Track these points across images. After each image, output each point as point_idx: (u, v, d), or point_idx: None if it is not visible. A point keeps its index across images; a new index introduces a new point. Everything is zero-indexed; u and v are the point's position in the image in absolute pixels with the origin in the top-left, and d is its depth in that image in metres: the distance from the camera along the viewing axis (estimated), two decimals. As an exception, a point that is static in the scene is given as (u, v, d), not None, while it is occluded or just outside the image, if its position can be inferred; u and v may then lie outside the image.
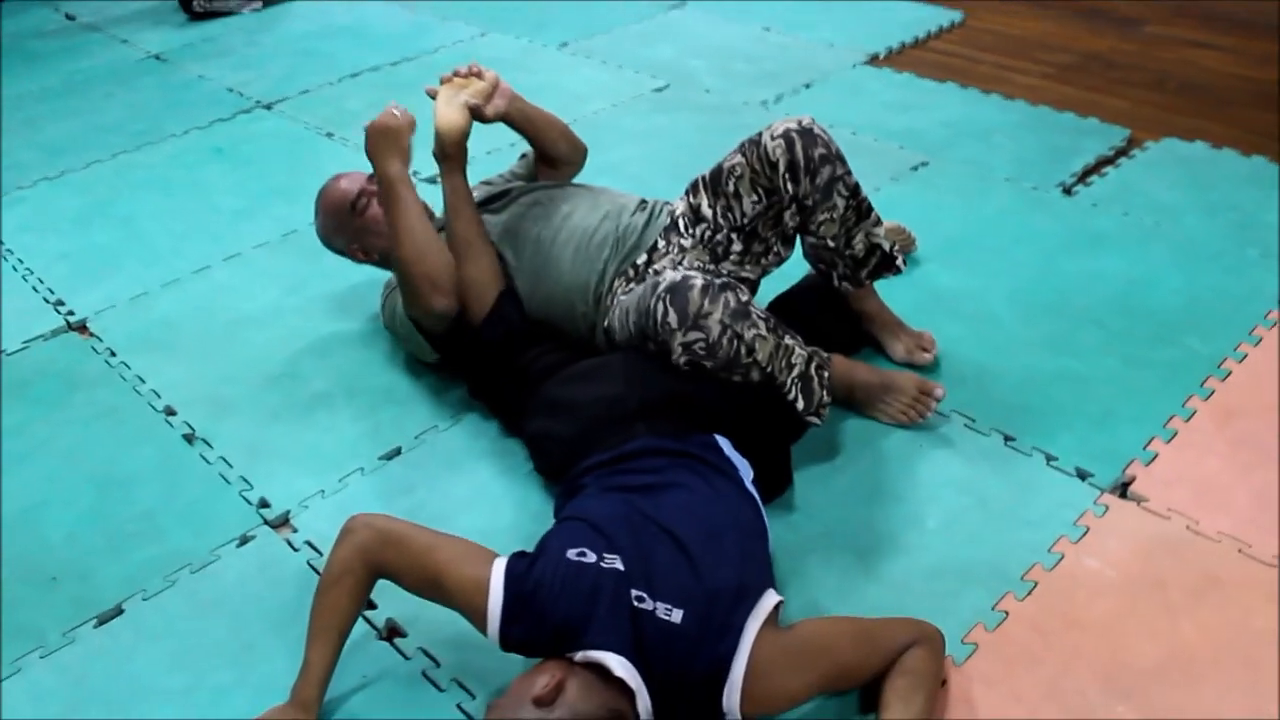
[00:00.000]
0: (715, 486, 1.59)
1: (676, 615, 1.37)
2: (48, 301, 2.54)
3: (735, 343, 1.70)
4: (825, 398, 1.80)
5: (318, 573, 1.72)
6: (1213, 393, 2.01)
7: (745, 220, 1.98)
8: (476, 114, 2.00)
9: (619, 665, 1.33)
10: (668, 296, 1.71)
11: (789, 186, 1.90)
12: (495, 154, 2.71)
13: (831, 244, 1.97)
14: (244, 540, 1.82)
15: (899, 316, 2.13)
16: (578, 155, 2.29)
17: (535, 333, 2.01)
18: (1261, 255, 2.40)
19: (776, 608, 1.42)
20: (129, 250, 2.73)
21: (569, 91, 3.38)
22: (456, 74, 2.02)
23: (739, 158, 1.96)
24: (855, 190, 1.94)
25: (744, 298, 1.74)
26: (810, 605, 1.59)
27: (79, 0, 4.77)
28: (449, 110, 2.00)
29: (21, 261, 2.72)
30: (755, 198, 1.95)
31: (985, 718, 1.46)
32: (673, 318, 1.71)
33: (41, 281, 2.62)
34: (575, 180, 2.28)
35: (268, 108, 3.50)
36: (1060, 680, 1.50)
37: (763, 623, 1.39)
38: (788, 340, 1.77)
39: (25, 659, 1.64)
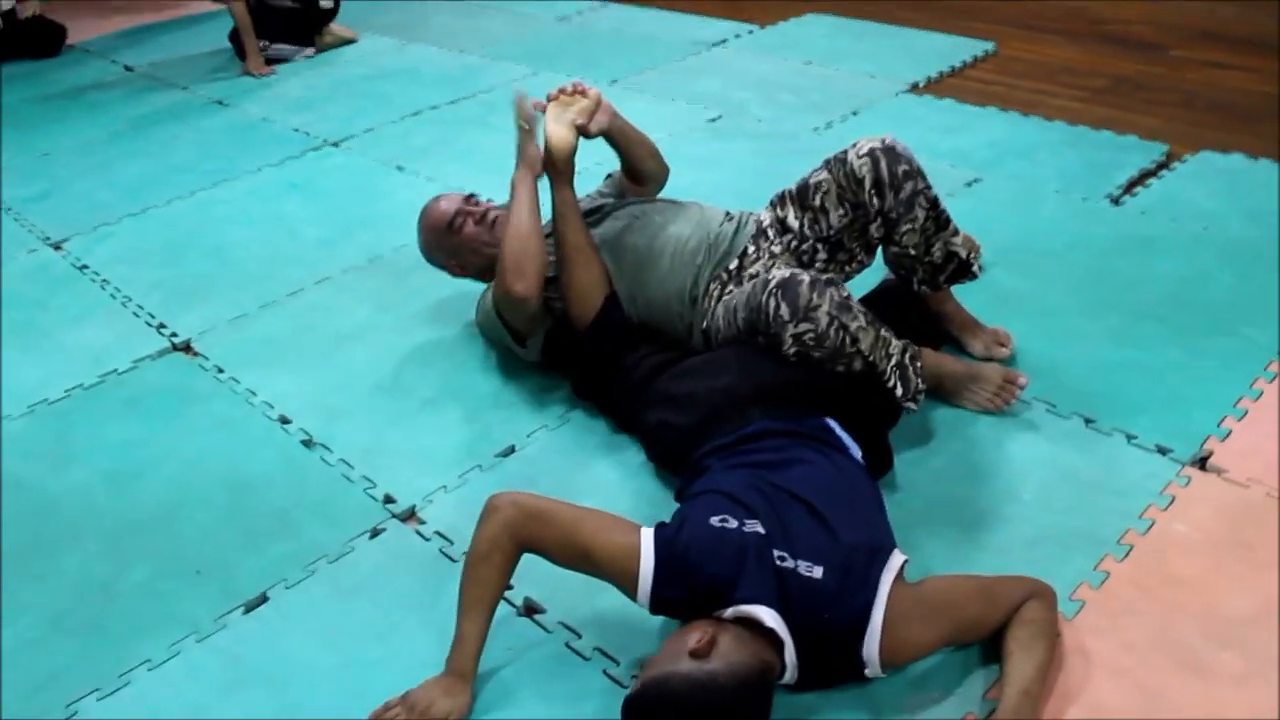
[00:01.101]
0: (835, 462, 1.71)
1: (817, 571, 1.48)
2: (149, 325, 2.67)
3: (841, 333, 1.83)
4: (920, 384, 1.92)
5: (451, 560, 1.84)
6: (1278, 375, 2.13)
7: (832, 232, 2.11)
8: (582, 130, 2.14)
9: (770, 616, 1.43)
10: (779, 292, 1.84)
11: (874, 201, 2.03)
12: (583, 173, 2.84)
13: (913, 252, 2.09)
14: (375, 533, 1.93)
15: (974, 316, 2.25)
16: (663, 173, 2.45)
17: (639, 334, 2.14)
18: (1308, 255, 2.53)
19: (903, 565, 1.53)
20: (222, 276, 2.86)
21: None
22: (563, 91, 2.15)
23: (825, 174, 2.09)
24: (935, 203, 2.07)
25: (846, 293, 1.87)
26: (924, 572, 1.69)
27: (132, 50, 4.96)
28: (558, 127, 2.14)
29: (120, 290, 2.85)
30: (842, 211, 2.08)
31: (1099, 665, 1.56)
32: (784, 311, 1.84)
33: (141, 308, 2.75)
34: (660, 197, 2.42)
35: (335, 145, 3.65)
36: (1165, 631, 1.60)
37: (894, 577, 1.50)
38: (884, 332, 1.90)
39: (182, 643, 1.74)
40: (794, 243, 2.14)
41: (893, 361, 1.90)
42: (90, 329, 2.68)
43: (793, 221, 2.14)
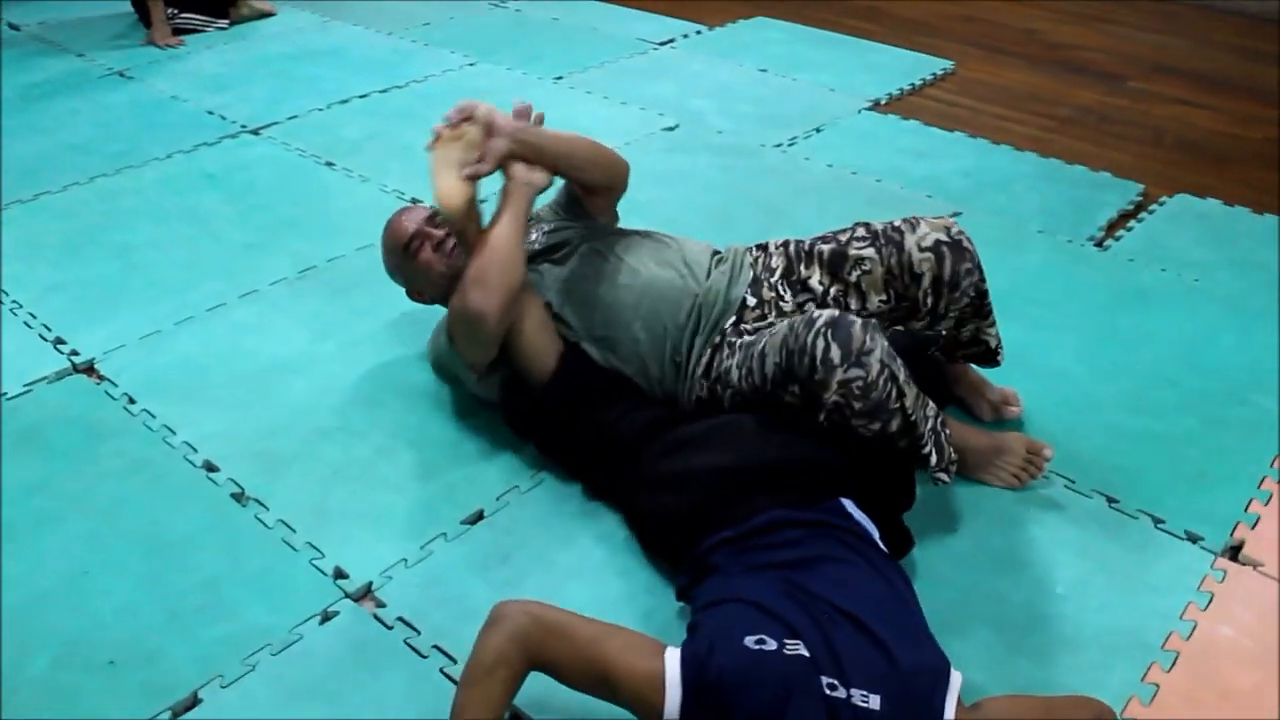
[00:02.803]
0: (867, 557, 1.52)
1: (874, 701, 1.28)
2: (45, 339, 2.33)
3: (890, 385, 1.62)
4: (953, 454, 1.74)
5: (419, 654, 1.59)
6: (1297, 454, 2.02)
7: (864, 312, 1.84)
8: (474, 174, 1.82)
9: None
10: (829, 331, 1.61)
11: (927, 301, 1.81)
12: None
13: (943, 333, 1.91)
14: (326, 616, 1.66)
15: (983, 375, 2.08)
16: (618, 179, 2.07)
17: (612, 388, 1.90)
18: (1307, 314, 2.44)
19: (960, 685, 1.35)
20: (130, 283, 2.53)
21: (577, 128, 3.19)
22: (447, 120, 1.83)
23: (872, 252, 1.82)
24: (984, 295, 1.88)
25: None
26: (967, 684, 1.51)
27: (17, 5, 4.48)
28: (445, 182, 1.81)
29: (8, 294, 2.49)
30: (884, 298, 1.83)
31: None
32: (835, 353, 1.60)
33: (34, 316, 2.40)
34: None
35: (255, 133, 3.30)
36: (1231, 761, 1.46)
37: (956, 703, 1.31)
38: (920, 392, 1.70)
39: (95, 759, 1.46)
40: (812, 305, 1.87)
41: (929, 425, 1.70)
42: (-27, 341, 2.33)
43: (816, 285, 1.87)
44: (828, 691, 1.28)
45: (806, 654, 1.31)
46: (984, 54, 4.11)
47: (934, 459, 1.71)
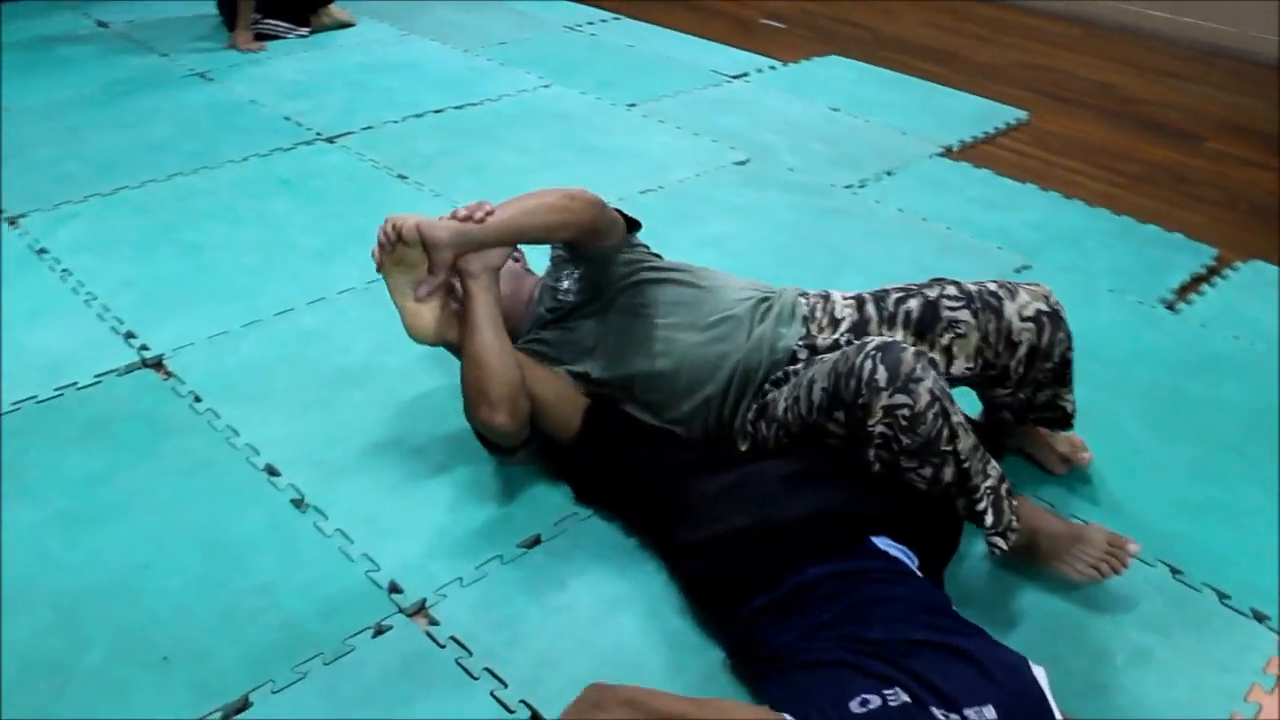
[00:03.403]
0: (906, 586, 1.51)
1: (989, 711, 1.27)
2: (116, 332, 2.37)
3: (940, 422, 1.58)
4: (1015, 521, 1.71)
5: (469, 675, 1.59)
6: (1366, 535, 1.97)
7: (946, 375, 1.79)
8: (430, 292, 1.81)
9: None
10: (878, 355, 1.59)
11: (1019, 369, 1.80)
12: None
13: (1022, 397, 1.88)
14: (379, 630, 1.66)
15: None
16: (585, 229, 1.86)
17: (639, 432, 1.88)
18: (1379, 393, 2.39)
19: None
20: (201, 282, 2.56)
21: (649, 157, 3.29)
22: (379, 247, 1.81)
23: (968, 316, 1.79)
24: (1069, 363, 1.86)
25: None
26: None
27: (106, 3, 4.58)
28: (408, 311, 1.83)
29: (83, 284, 2.54)
30: (971, 365, 1.80)
31: None
32: (881, 375, 1.57)
33: (108, 309, 2.45)
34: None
35: (330, 141, 3.35)
36: None
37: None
38: (984, 450, 1.68)
39: (145, 754, 1.47)
40: None
41: (988, 482, 1.67)
42: (47, 329, 2.37)
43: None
44: None
45: (908, 698, 1.30)
46: (1057, 105, 4.08)
47: (989, 519, 1.66)
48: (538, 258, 2.16)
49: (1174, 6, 4.84)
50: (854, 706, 1.30)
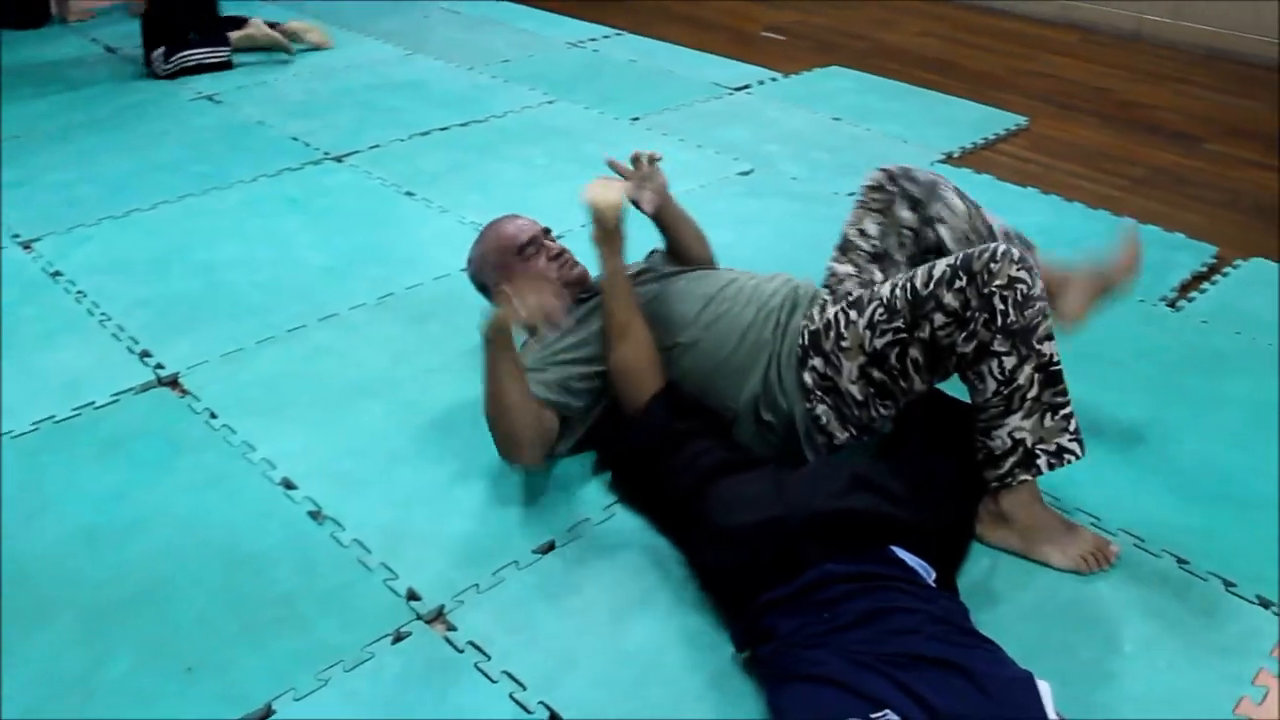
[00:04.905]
0: (923, 599, 1.53)
1: None
2: (132, 351, 2.40)
3: (1043, 316, 1.73)
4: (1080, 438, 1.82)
5: (488, 678, 1.62)
6: (1372, 525, 1.99)
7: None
8: (634, 201, 1.99)
9: None
10: (1011, 243, 1.81)
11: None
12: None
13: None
14: (399, 636, 1.69)
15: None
16: (708, 257, 2.30)
17: (687, 431, 1.92)
18: (1382, 386, 2.40)
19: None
20: (213, 301, 2.60)
21: None
22: (637, 162, 2.04)
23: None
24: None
25: None
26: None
27: (114, 27, 4.64)
28: (605, 190, 1.95)
29: (97, 305, 2.57)
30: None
31: None
32: (1014, 253, 1.70)
33: (122, 329, 2.48)
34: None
35: (338, 160, 3.39)
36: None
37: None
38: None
39: (171, 763, 1.49)
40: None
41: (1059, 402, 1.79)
42: (63, 350, 2.41)
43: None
44: None
45: (897, 718, 1.32)
46: (1056, 110, 4.12)
47: (1073, 424, 1.80)
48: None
49: (1171, 9, 4.87)
50: None
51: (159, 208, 3.06)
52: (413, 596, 1.76)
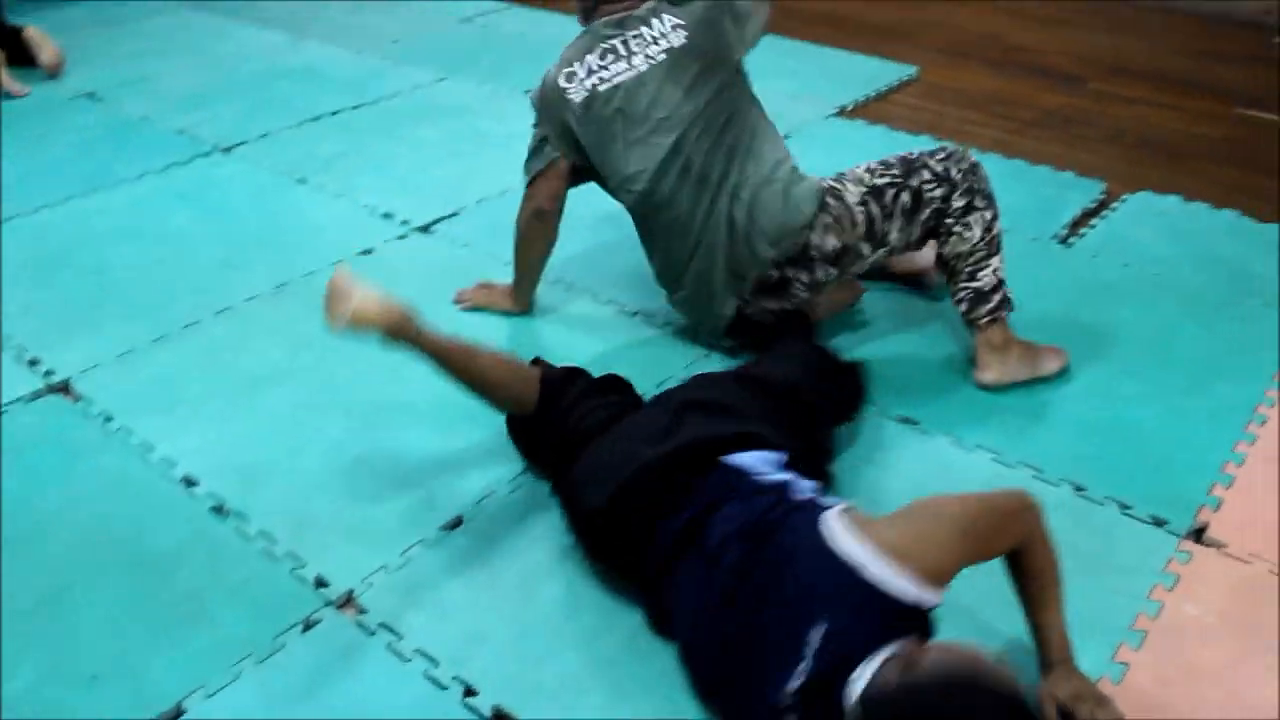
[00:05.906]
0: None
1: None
2: (19, 361, 2.33)
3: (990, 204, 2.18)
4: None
5: (401, 658, 1.62)
6: (1256, 438, 2.07)
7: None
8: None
9: None
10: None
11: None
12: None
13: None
14: (309, 624, 1.67)
15: None
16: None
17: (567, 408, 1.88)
18: (1264, 305, 2.49)
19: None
20: (105, 303, 2.53)
21: None
22: None
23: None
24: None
25: None
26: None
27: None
28: (363, 303, 1.78)
29: (-19, 317, 2.49)
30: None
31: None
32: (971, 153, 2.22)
33: (9, 338, 2.40)
34: None
35: (226, 151, 3.32)
36: (1199, 735, 1.49)
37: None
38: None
39: (79, 774, 1.47)
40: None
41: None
42: (-53, 364, 2.33)
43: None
44: None
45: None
46: (947, 59, 4.17)
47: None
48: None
49: (1052, -46, 4.95)
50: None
51: (41, 212, 2.96)
52: (321, 583, 1.74)
